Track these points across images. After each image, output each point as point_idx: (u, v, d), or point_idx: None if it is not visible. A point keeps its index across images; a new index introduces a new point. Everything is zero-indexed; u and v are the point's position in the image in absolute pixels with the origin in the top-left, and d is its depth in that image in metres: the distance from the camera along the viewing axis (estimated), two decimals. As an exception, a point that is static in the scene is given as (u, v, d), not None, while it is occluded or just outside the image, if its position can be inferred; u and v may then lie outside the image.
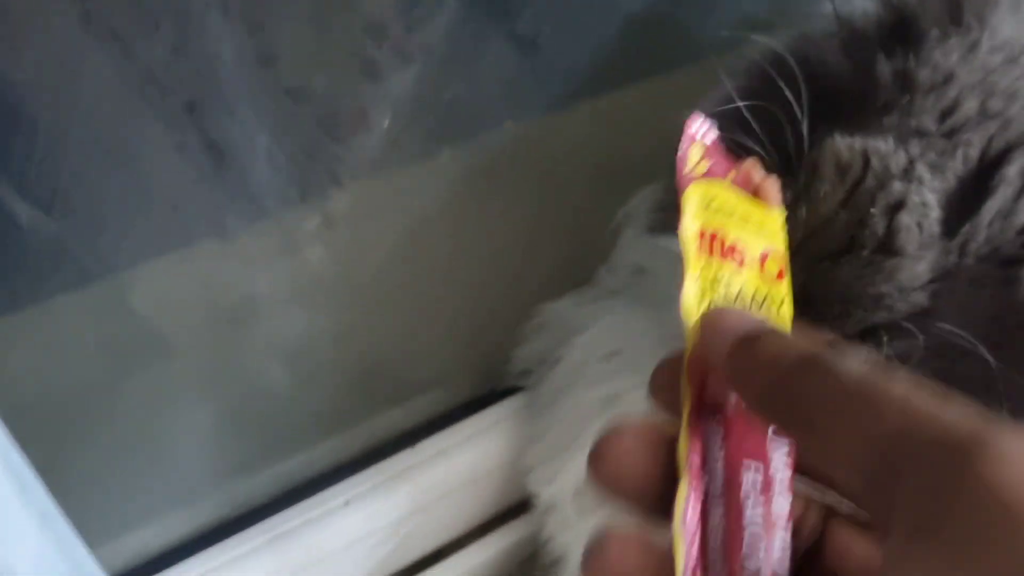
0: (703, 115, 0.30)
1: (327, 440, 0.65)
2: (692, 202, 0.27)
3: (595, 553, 0.23)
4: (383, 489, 0.63)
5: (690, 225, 0.27)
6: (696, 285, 0.25)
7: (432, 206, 0.62)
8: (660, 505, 0.23)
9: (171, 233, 0.53)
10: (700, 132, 0.29)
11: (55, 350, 0.52)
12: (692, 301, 0.25)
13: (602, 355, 0.57)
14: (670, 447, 0.24)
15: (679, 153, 0.28)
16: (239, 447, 0.63)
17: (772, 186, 0.29)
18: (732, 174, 0.29)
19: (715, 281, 0.26)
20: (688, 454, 0.23)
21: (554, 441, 0.60)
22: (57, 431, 0.54)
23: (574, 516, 0.57)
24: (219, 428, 0.62)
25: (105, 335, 0.54)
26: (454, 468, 0.65)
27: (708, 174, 0.28)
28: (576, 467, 0.56)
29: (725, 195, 0.28)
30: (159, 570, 0.58)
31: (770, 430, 0.23)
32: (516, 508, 0.74)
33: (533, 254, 0.68)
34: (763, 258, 0.27)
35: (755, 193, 0.29)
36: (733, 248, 0.27)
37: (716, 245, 0.27)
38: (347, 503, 0.63)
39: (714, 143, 0.29)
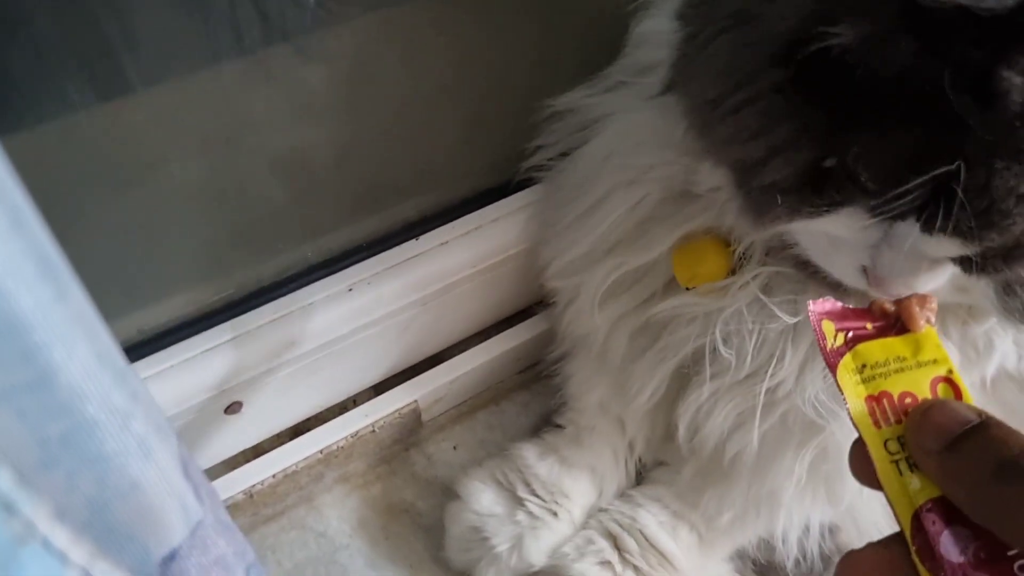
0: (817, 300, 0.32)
1: (333, 229, 0.64)
2: (847, 380, 0.29)
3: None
4: (387, 277, 0.64)
5: (855, 404, 0.29)
6: (889, 464, 0.28)
7: (441, 11, 0.61)
8: None
9: (184, 57, 0.54)
10: (822, 309, 0.32)
11: (61, 167, 0.53)
12: (895, 484, 0.27)
13: (625, 147, 0.55)
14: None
15: (816, 336, 0.32)
16: (245, 236, 0.63)
17: (910, 307, 0.32)
18: (868, 324, 0.32)
19: (903, 443, 0.28)
20: None
21: (574, 234, 0.59)
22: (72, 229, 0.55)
23: (590, 306, 0.57)
24: (225, 220, 0.62)
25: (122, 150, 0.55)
26: (457, 259, 0.65)
27: (849, 342, 0.31)
28: (597, 255, 0.56)
29: (873, 351, 0.30)
30: (167, 346, 0.59)
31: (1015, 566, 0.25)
32: (522, 312, 0.75)
33: (542, 49, 0.67)
34: (933, 388, 0.30)
35: (898, 322, 0.31)
36: (904, 398, 0.29)
37: (888, 407, 0.29)
38: (351, 289, 0.63)
39: (839, 309, 0.32)
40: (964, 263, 0.38)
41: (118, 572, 0.31)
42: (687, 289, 0.52)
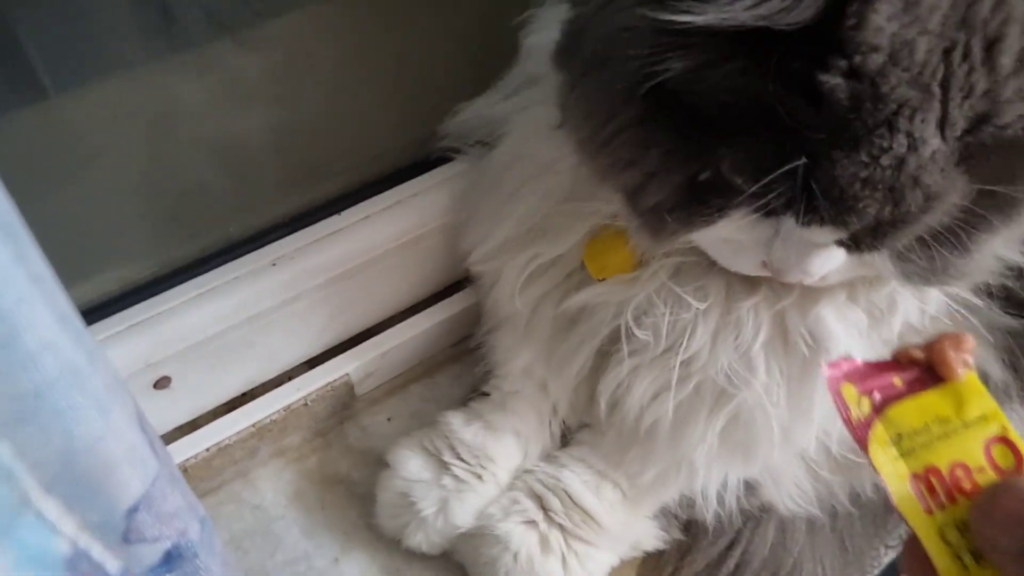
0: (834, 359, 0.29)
1: (258, 207, 0.66)
2: (882, 457, 0.24)
3: None
4: (310, 251, 0.65)
5: (898, 486, 0.24)
6: (951, 560, 0.23)
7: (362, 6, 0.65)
8: None
9: (112, 56, 0.57)
10: (840, 371, 0.27)
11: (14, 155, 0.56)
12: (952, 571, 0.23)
13: (531, 145, 0.58)
14: None
15: (837, 407, 0.27)
16: (170, 214, 0.65)
17: (942, 352, 0.28)
18: (896, 379, 0.27)
19: (964, 529, 0.23)
20: None
21: (491, 222, 0.61)
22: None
23: (511, 293, 0.60)
24: (151, 199, 0.64)
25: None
26: (379, 233, 0.67)
27: (877, 407, 0.26)
28: (514, 243, 0.59)
29: (908, 415, 0.26)
30: (92, 322, 0.61)
31: None
32: (453, 287, 0.77)
33: (456, 39, 0.71)
34: (988, 453, 0.25)
35: (931, 369, 0.27)
36: (954, 469, 0.24)
37: (939, 486, 0.24)
38: (274, 264, 0.65)
39: (859, 367, 0.28)
40: (845, 245, 0.41)
41: (96, 541, 0.32)
42: (600, 280, 0.55)
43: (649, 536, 0.68)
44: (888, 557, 0.89)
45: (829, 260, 0.43)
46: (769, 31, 0.34)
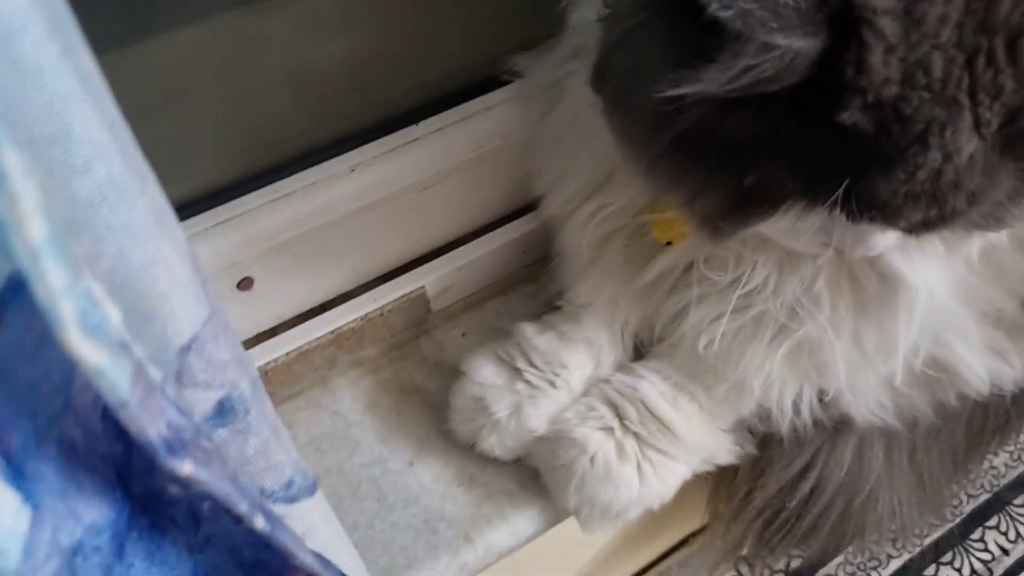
0: None
1: (337, 117, 0.68)
2: None
3: None
4: (388, 159, 0.66)
5: None
6: None
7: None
8: None
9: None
10: None
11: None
12: None
13: (585, 108, 0.58)
14: None
15: None
16: (256, 121, 0.66)
17: None
18: None
19: None
20: None
21: (559, 173, 0.64)
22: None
23: (579, 241, 0.62)
24: (239, 106, 0.66)
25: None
26: (453, 144, 0.68)
27: None
28: (580, 194, 0.61)
29: None
30: (187, 218, 0.63)
31: None
32: (525, 208, 0.77)
33: None
34: None
35: None
36: None
37: None
38: (353, 170, 0.66)
39: None
40: (901, 231, 0.42)
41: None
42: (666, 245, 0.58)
43: (724, 450, 0.67)
44: (970, 506, 0.86)
45: (887, 239, 0.43)
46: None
